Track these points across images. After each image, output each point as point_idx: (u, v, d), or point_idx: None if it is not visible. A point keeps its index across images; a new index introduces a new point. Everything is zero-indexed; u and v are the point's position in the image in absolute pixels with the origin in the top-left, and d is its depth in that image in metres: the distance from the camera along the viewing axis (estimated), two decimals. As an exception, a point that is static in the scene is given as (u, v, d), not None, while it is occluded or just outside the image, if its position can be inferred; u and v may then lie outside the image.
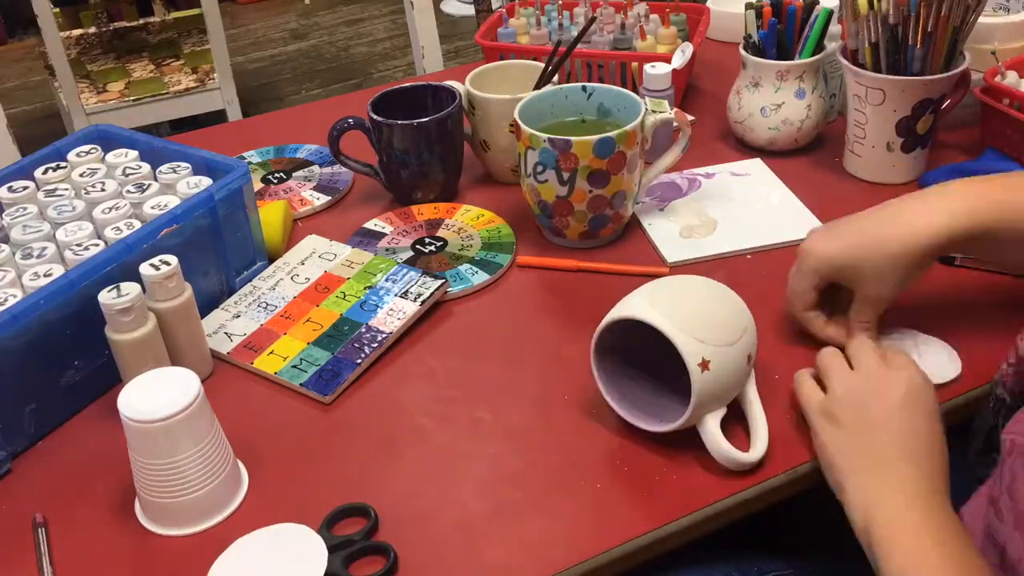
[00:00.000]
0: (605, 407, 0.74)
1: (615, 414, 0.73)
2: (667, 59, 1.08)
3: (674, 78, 1.07)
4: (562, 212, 0.91)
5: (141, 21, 3.13)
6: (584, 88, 0.96)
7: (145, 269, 0.74)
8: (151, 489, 0.67)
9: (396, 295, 0.86)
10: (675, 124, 0.94)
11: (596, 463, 0.70)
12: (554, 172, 0.88)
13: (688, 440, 0.71)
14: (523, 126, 0.89)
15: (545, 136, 0.87)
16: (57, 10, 3.15)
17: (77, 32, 3.08)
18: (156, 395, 0.65)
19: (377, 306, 0.86)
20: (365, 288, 0.88)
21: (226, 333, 0.85)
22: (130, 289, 0.72)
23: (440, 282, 0.87)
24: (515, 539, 0.65)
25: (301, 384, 0.78)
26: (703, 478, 0.68)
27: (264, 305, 0.88)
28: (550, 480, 0.70)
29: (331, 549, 0.64)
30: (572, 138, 0.86)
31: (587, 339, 0.83)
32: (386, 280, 0.88)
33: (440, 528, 0.67)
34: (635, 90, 1.09)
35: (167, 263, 0.75)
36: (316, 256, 0.93)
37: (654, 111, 0.92)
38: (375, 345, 0.81)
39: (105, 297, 0.71)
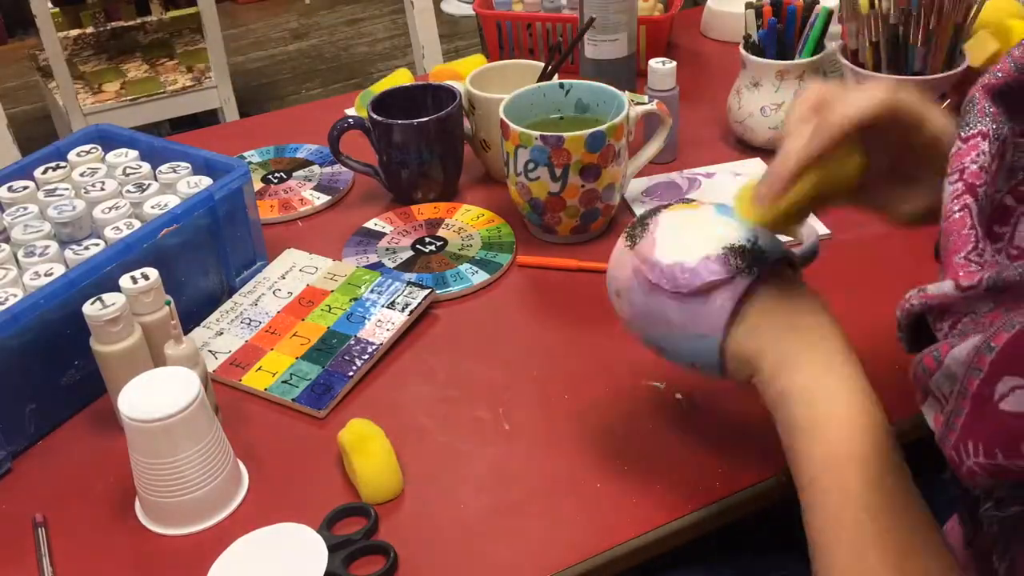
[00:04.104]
0: (604, 407, 0.74)
1: (615, 414, 0.73)
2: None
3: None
4: (554, 208, 0.91)
5: (139, 20, 3.13)
6: (562, 85, 0.97)
7: (124, 282, 0.73)
8: (151, 489, 0.67)
9: (383, 306, 0.86)
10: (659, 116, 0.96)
11: (596, 463, 0.70)
12: (546, 169, 0.89)
13: (689, 440, 0.71)
14: (512, 125, 0.89)
15: (537, 133, 0.88)
16: (56, 10, 3.15)
17: (75, 32, 3.08)
18: (156, 395, 0.65)
19: (364, 318, 0.85)
20: (350, 300, 0.87)
21: (210, 351, 0.83)
22: (114, 299, 0.71)
23: (426, 291, 0.87)
24: (515, 539, 0.65)
25: (293, 399, 0.77)
26: (703, 478, 0.68)
27: (247, 321, 0.86)
28: (550, 480, 0.70)
29: (331, 549, 0.64)
30: (564, 134, 0.87)
31: (587, 339, 0.83)
32: (371, 292, 0.88)
33: (440, 528, 0.67)
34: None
35: (147, 276, 0.73)
36: (297, 270, 0.92)
37: (637, 103, 0.94)
38: (366, 357, 0.81)
39: (90, 309, 0.70)
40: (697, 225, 0.61)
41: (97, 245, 0.81)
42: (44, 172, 0.90)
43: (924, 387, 0.46)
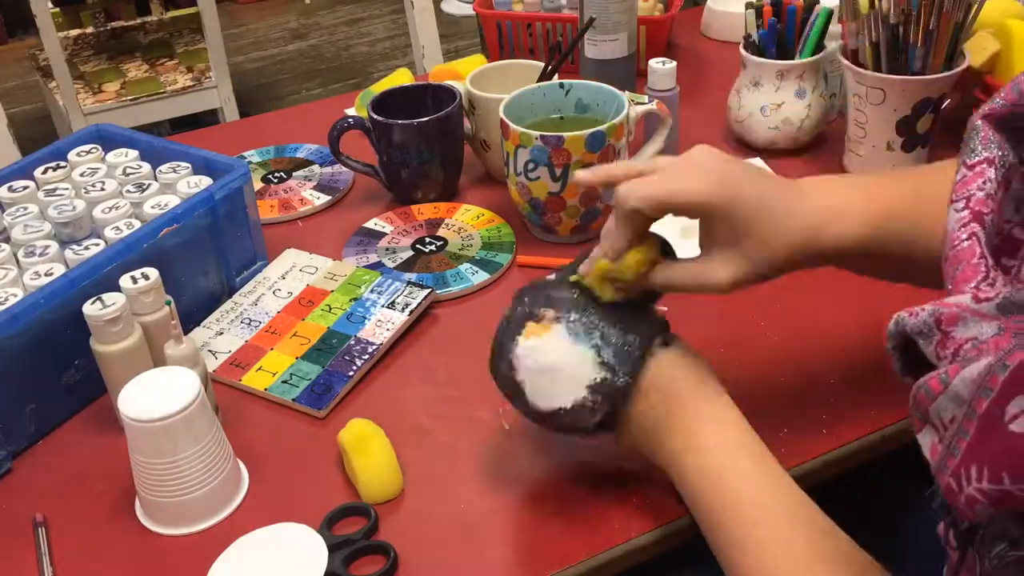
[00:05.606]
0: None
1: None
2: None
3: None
4: (554, 208, 0.91)
5: (139, 20, 3.13)
6: (562, 85, 0.97)
7: (124, 281, 0.73)
8: (151, 489, 0.67)
9: (383, 306, 0.86)
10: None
11: (595, 463, 0.70)
12: (546, 168, 0.89)
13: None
14: (512, 125, 0.89)
15: (537, 133, 0.88)
16: (56, 10, 3.15)
17: (75, 32, 3.08)
18: (157, 394, 0.65)
19: (364, 318, 0.85)
20: (350, 300, 0.87)
21: (210, 351, 0.83)
22: (115, 299, 0.71)
23: (426, 291, 0.87)
24: (515, 539, 0.65)
25: (293, 399, 0.77)
26: (703, 478, 0.68)
27: (247, 321, 0.86)
28: (549, 480, 0.70)
29: (331, 548, 0.64)
30: (564, 134, 0.87)
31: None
32: (371, 292, 0.88)
33: (440, 528, 0.67)
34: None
35: (147, 276, 0.73)
36: (297, 270, 0.92)
37: (637, 103, 0.94)
38: (366, 357, 0.81)
39: (90, 309, 0.70)
40: (554, 366, 0.63)
41: (97, 245, 0.81)
42: (44, 172, 0.90)
43: (923, 412, 0.45)
